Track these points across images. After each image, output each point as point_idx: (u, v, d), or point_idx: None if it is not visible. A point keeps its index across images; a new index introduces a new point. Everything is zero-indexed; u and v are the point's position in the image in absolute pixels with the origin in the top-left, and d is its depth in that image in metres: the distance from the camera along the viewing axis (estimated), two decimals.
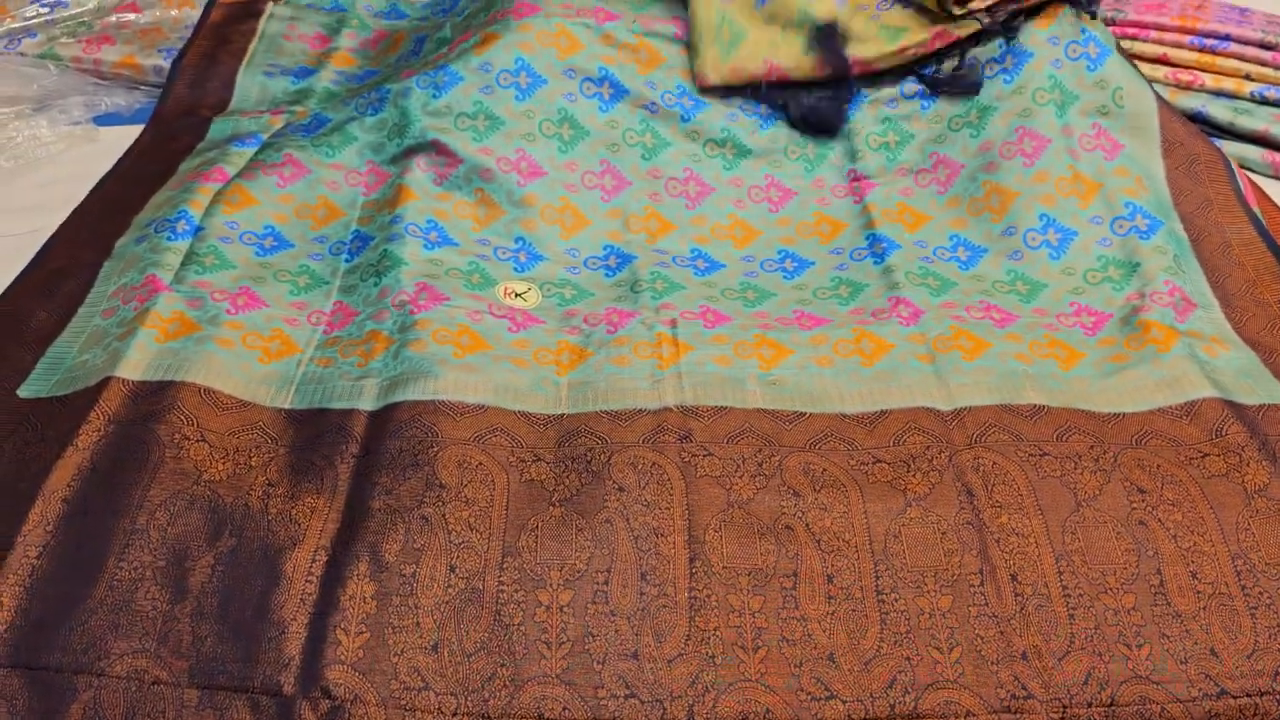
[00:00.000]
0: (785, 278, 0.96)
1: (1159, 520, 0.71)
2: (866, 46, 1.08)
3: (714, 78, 1.06)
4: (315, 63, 1.29)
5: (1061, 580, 0.67)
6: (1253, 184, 1.07)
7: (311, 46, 1.33)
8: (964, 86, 1.06)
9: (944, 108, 1.08)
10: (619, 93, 1.05)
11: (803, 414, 0.78)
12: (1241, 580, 0.68)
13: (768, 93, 1.08)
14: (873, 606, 0.66)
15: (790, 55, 1.08)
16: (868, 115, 1.09)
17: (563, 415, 0.77)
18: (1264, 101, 1.26)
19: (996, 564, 0.68)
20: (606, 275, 0.95)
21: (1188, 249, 0.96)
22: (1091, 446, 0.75)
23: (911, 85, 1.09)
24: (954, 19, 1.06)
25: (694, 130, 1.06)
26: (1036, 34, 1.06)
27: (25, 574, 0.63)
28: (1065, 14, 1.05)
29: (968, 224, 1.00)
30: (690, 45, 1.09)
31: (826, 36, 1.07)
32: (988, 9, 1.05)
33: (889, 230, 0.99)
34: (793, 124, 1.07)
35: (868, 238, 0.99)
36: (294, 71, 1.27)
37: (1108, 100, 1.03)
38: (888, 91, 1.10)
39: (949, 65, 1.08)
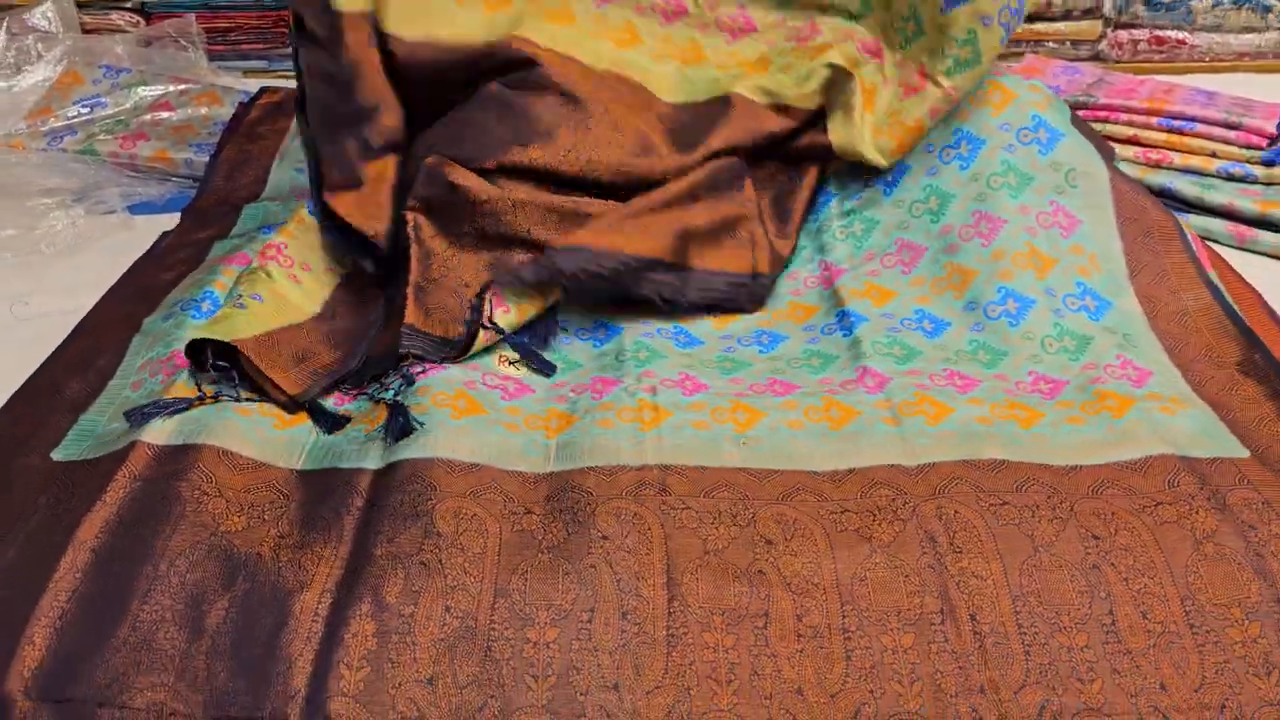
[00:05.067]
0: (760, 351, 1.01)
1: (1112, 564, 0.74)
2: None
3: None
4: None
5: (1018, 619, 0.71)
6: (1209, 250, 1.12)
7: None
8: None
9: (904, 194, 1.15)
10: None
11: (775, 471, 0.82)
12: (1190, 620, 0.71)
13: None
14: (839, 644, 0.70)
15: None
16: (834, 211, 1.18)
17: (551, 473, 0.82)
18: (1229, 177, 1.33)
19: (956, 604, 0.72)
20: (595, 346, 1.02)
21: (1143, 324, 1.00)
22: (1049, 497, 0.79)
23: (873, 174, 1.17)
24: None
25: None
26: (989, 121, 1.12)
27: (55, 616, 0.69)
28: (1016, 102, 1.12)
29: (931, 300, 1.05)
30: None
31: None
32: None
33: (857, 305, 1.05)
34: None
35: (837, 314, 1.04)
36: None
37: (1061, 181, 1.09)
38: (852, 188, 1.18)
39: None
